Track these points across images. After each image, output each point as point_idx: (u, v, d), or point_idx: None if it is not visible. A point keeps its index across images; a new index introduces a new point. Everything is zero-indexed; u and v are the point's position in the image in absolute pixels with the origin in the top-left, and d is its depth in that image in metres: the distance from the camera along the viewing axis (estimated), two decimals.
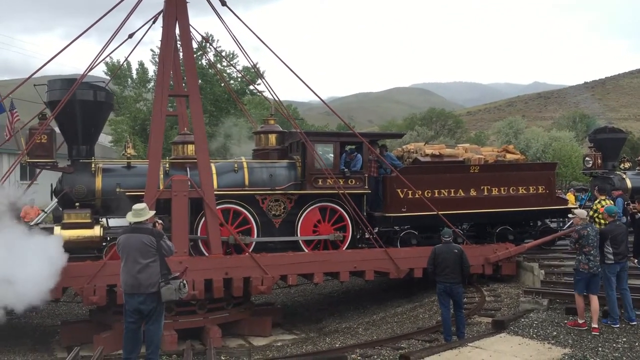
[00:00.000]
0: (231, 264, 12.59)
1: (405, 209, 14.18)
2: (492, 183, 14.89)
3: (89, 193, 12.76)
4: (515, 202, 14.98)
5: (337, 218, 14.05)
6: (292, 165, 14.18)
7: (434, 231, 14.68)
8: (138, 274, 7.09)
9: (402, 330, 12.00)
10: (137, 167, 13.49)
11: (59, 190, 12.85)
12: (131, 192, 12.58)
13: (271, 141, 14.90)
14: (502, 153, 16.43)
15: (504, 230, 15.19)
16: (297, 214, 13.77)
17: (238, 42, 14.52)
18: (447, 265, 9.67)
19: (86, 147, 13.14)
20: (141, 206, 7.58)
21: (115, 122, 35.91)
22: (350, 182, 13.89)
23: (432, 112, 75.89)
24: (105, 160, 13.64)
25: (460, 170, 14.92)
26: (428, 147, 16.01)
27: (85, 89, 12.76)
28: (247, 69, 36.02)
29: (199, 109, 13.29)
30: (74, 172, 12.89)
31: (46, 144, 12.62)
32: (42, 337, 13.46)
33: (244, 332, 13.23)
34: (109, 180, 12.88)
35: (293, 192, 13.73)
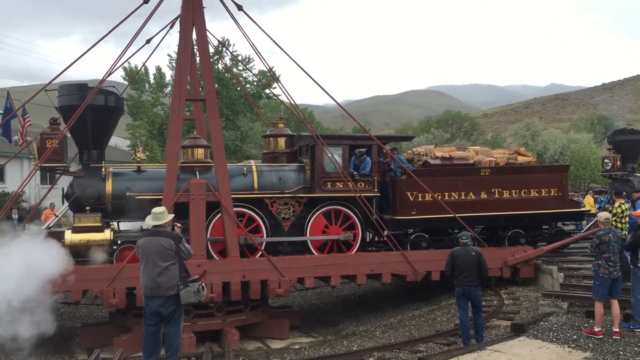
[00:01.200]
0: (249, 266, 12.65)
1: (415, 211, 14.11)
2: (503, 186, 14.76)
3: (100, 197, 12.86)
4: (527, 205, 14.82)
5: (347, 221, 14.00)
6: (302, 168, 14.19)
7: (445, 234, 14.62)
8: (157, 277, 7.15)
9: (419, 333, 11.95)
10: (147, 171, 13.57)
11: (69, 194, 12.98)
12: (141, 195, 12.69)
13: (280, 144, 14.94)
14: (513, 155, 16.30)
15: (515, 233, 15.02)
16: (306, 218, 13.77)
17: (254, 46, 14.60)
18: (465, 268, 9.61)
19: (97, 151, 13.28)
20: (160, 209, 7.64)
21: (133, 127, 36.26)
22: (360, 185, 13.87)
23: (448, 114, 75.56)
24: (115, 165, 13.72)
25: (470, 172, 14.82)
26: (438, 150, 15.95)
27: (96, 94, 12.87)
28: (263, 72, 36.18)
29: (216, 112, 13.38)
30: (85, 176, 13.00)
31: (57, 149, 12.73)
32: (62, 339, 13.60)
33: (262, 335, 13.29)
34: (119, 184, 12.97)
35: (302, 196, 13.74)
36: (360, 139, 15.08)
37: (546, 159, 56.90)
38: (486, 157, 15.69)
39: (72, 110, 12.73)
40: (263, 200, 13.49)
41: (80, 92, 12.82)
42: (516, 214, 14.72)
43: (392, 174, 14.85)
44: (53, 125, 13.00)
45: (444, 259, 13.46)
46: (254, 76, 33.22)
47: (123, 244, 12.74)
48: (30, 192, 28.10)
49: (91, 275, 11.80)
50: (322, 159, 13.74)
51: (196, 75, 15.62)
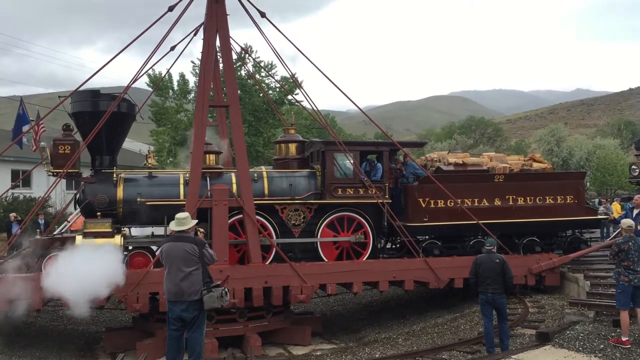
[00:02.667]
0: (271, 272, 12.66)
1: (427, 218, 13.99)
2: (517, 192, 14.52)
3: (111, 202, 12.93)
4: (542, 212, 14.56)
5: (358, 229, 13.90)
6: (312, 174, 14.13)
7: (458, 241, 14.47)
8: (181, 282, 7.21)
9: (442, 341, 11.83)
10: (158, 177, 13.61)
11: (81, 199, 13.09)
12: (151, 201, 12.79)
13: (291, 150, 14.88)
14: (528, 162, 16.08)
15: (530, 241, 14.76)
16: (317, 224, 13.72)
17: (277, 53, 14.68)
18: (488, 275, 9.51)
19: (109, 157, 13.38)
20: (184, 215, 7.71)
21: (156, 133, 36.68)
22: (371, 192, 13.79)
23: (471, 120, 75.10)
24: (127, 170, 13.84)
25: (484, 179, 14.62)
26: (451, 156, 15.80)
27: (108, 101, 13.00)
28: (285, 78, 36.36)
29: (239, 119, 13.45)
30: (96, 182, 13.10)
31: (70, 155, 12.82)
32: (86, 344, 13.76)
33: (283, 341, 13.26)
34: (130, 189, 13.04)
35: (313, 202, 13.70)
36: (371, 144, 14.99)
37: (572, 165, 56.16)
38: (500, 164, 15.50)
39: (85, 116, 12.93)
40: (273, 206, 13.47)
41: (93, 98, 12.95)
42: (531, 221, 14.48)
43: (404, 180, 14.75)
44: (66, 132, 13.14)
45: (467, 266, 13.38)
46: (277, 82, 33.40)
47: (134, 249, 12.86)
48: (56, 197, 28.59)
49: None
50: (332, 165, 13.71)
51: (219, 81, 15.75)
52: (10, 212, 21.35)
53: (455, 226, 14.02)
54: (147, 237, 13.67)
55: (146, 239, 13.43)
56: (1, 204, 23.68)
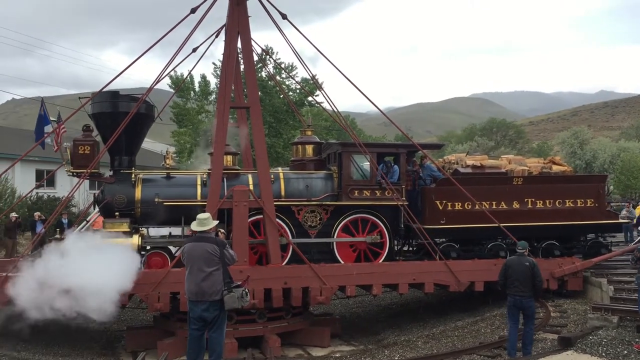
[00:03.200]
0: (290, 273, 12.68)
1: (444, 220, 13.89)
2: (536, 195, 14.33)
3: (129, 202, 13.06)
4: (561, 215, 14.36)
5: (374, 230, 13.86)
6: (329, 176, 14.11)
7: (475, 244, 14.34)
8: (202, 282, 7.26)
9: (463, 344, 11.74)
10: (176, 178, 13.71)
11: (100, 199, 13.24)
12: (169, 202, 12.89)
13: (308, 152, 14.85)
14: (548, 164, 15.89)
15: (550, 245, 14.57)
16: (333, 225, 13.70)
17: (298, 55, 14.71)
18: (517, 278, 9.45)
19: (128, 157, 13.51)
20: (205, 215, 7.77)
21: (178, 134, 37.00)
22: (388, 194, 13.73)
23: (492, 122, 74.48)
24: (146, 171, 13.96)
25: (502, 181, 14.46)
26: (469, 158, 15.67)
27: (128, 102, 13.14)
28: (305, 80, 36.42)
29: (260, 120, 13.51)
30: (115, 182, 13.24)
31: (89, 155, 13.00)
32: (108, 342, 13.92)
33: (303, 342, 13.29)
34: (148, 190, 13.16)
35: (329, 203, 13.68)
36: (388, 146, 14.91)
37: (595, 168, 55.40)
38: (519, 166, 15.34)
39: (104, 117, 13.09)
40: (290, 207, 13.49)
41: (112, 99, 13.10)
42: (550, 224, 14.31)
43: (421, 182, 14.66)
44: (85, 132, 13.30)
45: (489, 269, 13.38)
46: (297, 84, 33.49)
47: (152, 249, 12.97)
48: (79, 197, 28.96)
49: (137, 280, 12.04)
50: (349, 166, 13.68)
51: (240, 83, 15.83)
52: (34, 211, 21.69)
53: (472, 229, 13.91)
54: (165, 238, 13.81)
55: (163, 239, 13.57)
56: (26, 204, 24.04)
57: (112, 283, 10.63)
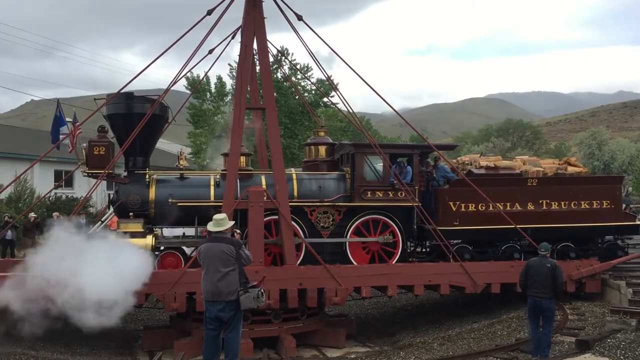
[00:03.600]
0: (306, 274, 12.70)
1: (457, 222, 13.81)
2: (551, 197, 14.20)
3: (143, 203, 13.14)
4: (577, 217, 14.20)
5: (387, 230, 13.82)
6: (342, 177, 14.10)
7: (489, 246, 14.25)
8: (218, 282, 7.31)
9: (479, 347, 11.67)
10: (189, 178, 13.78)
11: (115, 200, 13.34)
12: (182, 202, 12.96)
13: (321, 153, 14.87)
14: (563, 165, 15.75)
15: (565, 247, 14.41)
16: (346, 226, 13.68)
17: (313, 56, 14.75)
18: (537, 279, 9.47)
19: (142, 158, 13.59)
20: (221, 216, 7.82)
21: (194, 135, 37.22)
22: (400, 195, 13.70)
23: (509, 123, 73.90)
24: (160, 172, 14.06)
25: (516, 183, 14.36)
26: (483, 159, 15.57)
27: (142, 103, 13.24)
28: (321, 81, 36.46)
29: (275, 121, 13.55)
30: (130, 183, 13.33)
31: (104, 156, 13.09)
32: (125, 341, 14.03)
33: (318, 343, 13.29)
34: (162, 190, 13.23)
35: (342, 205, 13.66)
36: (401, 147, 14.87)
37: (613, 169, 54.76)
38: (534, 167, 15.21)
39: (119, 118, 13.20)
40: (302, 208, 13.48)
41: (126, 101, 13.19)
42: (565, 226, 14.16)
43: (434, 183, 14.59)
44: (100, 133, 13.42)
45: (505, 271, 13.31)
46: (313, 85, 33.54)
47: (165, 249, 13.05)
48: (97, 197, 29.24)
49: (153, 280, 12.13)
50: (362, 167, 13.65)
51: (256, 84, 15.89)
52: (53, 211, 21.96)
53: (486, 230, 13.84)
54: (178, 238, 13.92)
55: (177, 240, 13.67)
56: (45, 204, 24.35)
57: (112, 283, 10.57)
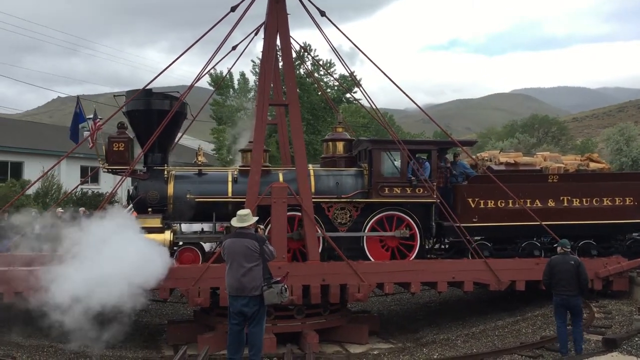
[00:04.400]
0: (328, 270, 12.71)
1: (476, 219, 13.67)
2: (573, 193, 14.00)
3: (162, 199, 13.24)
4: (599, 214, 13.99)
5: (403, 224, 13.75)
6: (360, 173, 14.05)
7: (509, 243, 14.09)
8: (242, 278, 7.36)
9: (503, 344, 11.58)
10: (207, 174, 13.86)
11: (134, 195, 13.47)
12: (200, 198, 13.05)
13: (339, 149, 14.84)
14: (585, 162, 15.50)
15: (586, 244, 14.20)
16: (363, 223, 13.65)
17: (337, 52, 14.77)
18: (563, 277, 9.39)
19: (161, 154, 13.67)
20: (245, 212, 7.86)
21: (217, 131, 37.47)
22: (418, 191, 13.60)
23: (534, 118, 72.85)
24: (177, 168, 14.19)
25: (537, 179, 14.17)
26: (503, 155, 15.39)
27: (161, 99, 13.35)
28: (343, 77, 36.40)
29: (298, 117, 13.56)
30: (148, 179, 13.44)
31: (123, 152, 13.24)
32: (150, 335, 14.21)
33: (340, 339, 13.29)
34: (180, 186, 13.33)
35: (359, 201, 13.62)
36: (419, 143, 14.76)
37: None
38: (555, 163, 15.00)
39: (138, 114, 13.34)
40: (320, 204, 13.46)
41: (145, 97, 13.30)
42: (587, 223, 13.94)
43: (452, 180, 14.47)
44: (120, 129, 13.56)
45: (530, 268, 13.16)
46: (335, 81, 33.50)
47: (184, 245, 13.16)
48: (122, 193, 29.59)
49: (178, 275, 12.27)
50: (379, 163, 13.61)
51: (279, 80, 15.92)
52: (79, 206, 22.30)
53: (505, 227, 13.71)
54: (196, 233, 14.06)
55: (195, 235, 13.79)
56: (71, 199, 24.72)
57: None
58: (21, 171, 31.96)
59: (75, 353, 11.63)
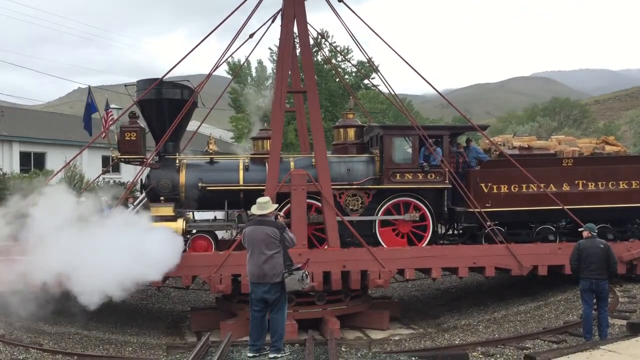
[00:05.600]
0: (349, 257, 12.73)
1: (489, 204, 13.53)
2: (588, 177, 13.83)
3: (174, 187, 13.33)
4: (615, 198, 13.80)
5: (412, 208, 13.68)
6: (371, 159, 14.00)
7: (522, 227, 13.95)
8: (263, 265, 7.40)
9: (525, 329, 11.54)
10: (219, 163, 13.91)
11: (146, 184, 13.57)
12: (211, 186, 13.10)
13: (350, 135, 14.78)
14: (600, 145, 15.24)
15: (602, 228, 13.89)
16: (375, 209, 13.61)
17: (354, 37, 14.68)
18: (593, 261, 9.32)
19: (172, 143, 13.73)
20: (265, 199, 7.87)
21: (235, 119, 37.53)
22: (430, 177, 13.51)
23: (555, 101, 71.79)
24: (189, 156, 14.29)
25: (551, 163, 14.00)
26: (516, 139, 15.21)
27: (172, 88, 13.39)
28: (361, 63, 36.17)
29: (317, 104, 13.54)
30: (160, 168, 13.53)
31: (135, 141, 13.32)
32: (173, 322, 14.40)
33: (361, 325, 13.36)
34: (192, 175, 13.42)
35: (371, 187, 13.58)
36: (431, 128, 14.65)
37: None
38: (569, 147, 14.79)
39: (149, 103, 13.39)
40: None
41: (156, 86, 13.33)
42: (603, 207, 13.75)
43: (465, 165, 14.32)
44: (132, 119, 13.64)
45: (553, 253, 13.04)
46: (353, 67, 33.31)
47: (197, 233, 13.25)
48: None
49: (200, 262, 12.38)
50: (390, 149, 13.53)
51: (297, 67, 15.88)
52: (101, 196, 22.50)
53: (519, 212, 13.60)
54: (208, 221, 14.18)
55: (207, 223, 13.90)
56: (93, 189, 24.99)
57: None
58: (44, 162, 32.39)
59: (99, 339, 11.85)
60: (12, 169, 29.13)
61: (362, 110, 20.32)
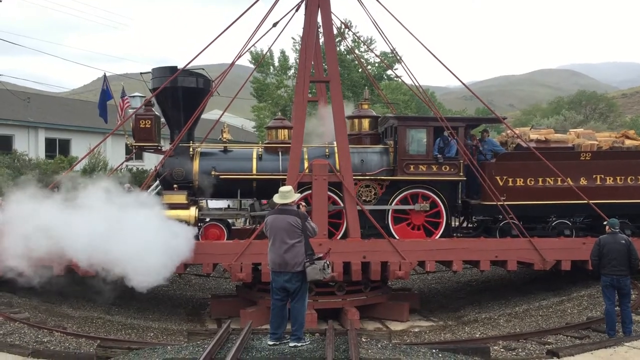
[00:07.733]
0: (369, 248, 12.70)
1: (504, 197, 13.30)
2: (606, 172, 13.53)
3: (187, 175, 13.36)
4: (634, 193, 13.51)
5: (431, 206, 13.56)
6: (385, 150, 13.89)
7: (538, 222, 13.74)
8: (285, 254, 7.40)
9: (547, 324, 11.42)
10: (233, 151, 13.90)
11: (160, 172, 13.62)
12: (224, 175, 13.12)
13: (364, 126, 14.68)
14: (620, 139, 14.89)
15: (621, 223, 13.68)
16: (388, 200, 13.51)
17: (378, 26, 14.52)
18: (614, 257, 9.21)
19: (187, 131, 13.66)
20: (287, 189, 7.87)
21: (257, 109, 37.60)
22: (444, 169, 13.37)
23: (581, 95, 70.67)
24: (203, 145, 14.29)
25: (568, 157, 13.72)
26: (533, 132, 14.95)
27: (187, 77, 13.40)
28: (384, 53, 35.95)
29: (339, 94, 13.47)
30: (174, 156, 13.53)
31: (150, 129, 13.38)
32: (194, 309, 14.54)
33: (381, 316, 13.34)
34: (205, 163, 13.43)
35: (384, 178, 13.48)
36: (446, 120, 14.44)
37: None
38: (588, 141, 14.50)
39: (164, 91, 13.35)
40: None
41: (171, 74, 13.31)
42: (621, 202, 13.45)
43: (480, 157, 14.14)
44: (147, 107, 13.69)
45: (577, 247, 12.86)
46: (377, 57, 33.12)
47: (210, 221, 13.31)
48: None
49: (221, 250, 12.46)
50: (405, 141, 13.41)
51: (320, 57, 15.80)
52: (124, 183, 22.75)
53: (535, 206, 13.39)
54: (221, 210, 14.24)
55: (219, 212, 13.96)
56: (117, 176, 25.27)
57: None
58: (69, 148, 32.86)
59: (122, 324, 12.01)
60: (38, 155, 29.61)
61: (384, 101, 20.17)
